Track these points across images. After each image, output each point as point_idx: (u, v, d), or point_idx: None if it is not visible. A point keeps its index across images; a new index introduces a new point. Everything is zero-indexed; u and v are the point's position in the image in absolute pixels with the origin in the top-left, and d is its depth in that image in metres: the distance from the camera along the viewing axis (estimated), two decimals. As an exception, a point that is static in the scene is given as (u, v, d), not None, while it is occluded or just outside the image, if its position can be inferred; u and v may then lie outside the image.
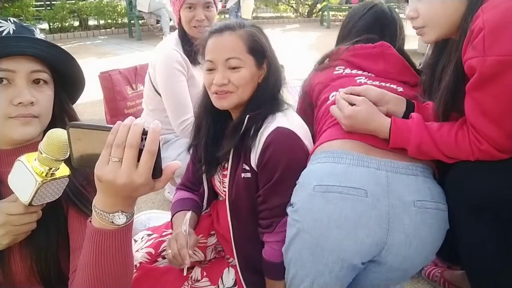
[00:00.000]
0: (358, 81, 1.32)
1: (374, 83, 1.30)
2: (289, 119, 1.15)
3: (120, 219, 0.70)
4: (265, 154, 1.10)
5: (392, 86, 1.30)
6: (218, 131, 1.25)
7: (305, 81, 1.47)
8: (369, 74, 1.37)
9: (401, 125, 1.11)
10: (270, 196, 1.13)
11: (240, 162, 1.17)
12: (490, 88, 0.96)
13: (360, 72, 1.37)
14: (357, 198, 1.04)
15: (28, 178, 0.75)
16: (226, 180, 1.21)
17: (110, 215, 0.69)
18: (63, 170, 0.79)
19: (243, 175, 1.16)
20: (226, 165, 1.22)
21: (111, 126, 0.66)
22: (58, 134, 0.74)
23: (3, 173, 0.87)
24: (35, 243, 0.87)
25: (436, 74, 1.17)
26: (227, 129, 1.20)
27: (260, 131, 1.13)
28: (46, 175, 0.75)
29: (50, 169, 0.76)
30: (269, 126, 1.12)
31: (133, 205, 0.72)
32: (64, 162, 0.77)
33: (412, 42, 4.78)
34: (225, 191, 1.23)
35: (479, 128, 1.00)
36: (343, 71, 1.39)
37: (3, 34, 0.86)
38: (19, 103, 0.85)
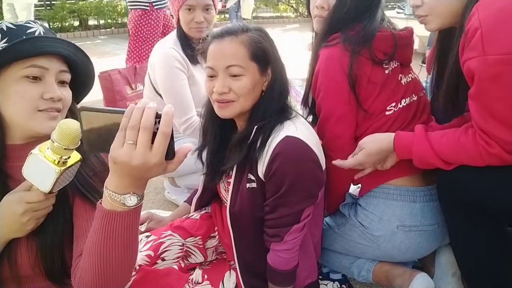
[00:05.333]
0: (402, 81, 1.35)
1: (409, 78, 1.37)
2: (298, 128, 1.10)
3: (131, 200, 0.73)
4: (273, 165, 1.06)
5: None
6: (224, 139, 1.22)
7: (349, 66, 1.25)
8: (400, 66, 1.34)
9: (405, 138, 1.16)
10: (278, 207, 1.10)
11: (245, 172, 1.14)
12: (494, 90, 0.95)
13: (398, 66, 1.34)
14: (432, 231, 1.28)
15: (45, 169, 0.78)
16: (230, 188, 1.19)
17: (122, 196, 0.72)
18: (75, 156, 0.83)
19: (248, 185, 1.13)
20: (230, 173, 1.19)
21: (123, 109, 0.68)
22: (70, 124, 0.77)
23: (13, 167, 0.91)
24: (42, 233, 0.90)
25: (445, 69, 1.15)
26: (233, 139, 1.16)
27: (268, 141, 1.08)
28: (59, 164, 0.79)
29: (62, 157, 0.79)
30: (278, 136, 1.07)
31: (144, 187, 0.75)
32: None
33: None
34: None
35: (490, 131, 0.98)
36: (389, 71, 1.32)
37: (35, 34, 0.92)
38: (50, 98, 0.90)
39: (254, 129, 1.10)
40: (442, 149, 1.08)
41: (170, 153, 0.70)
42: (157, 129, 0.67)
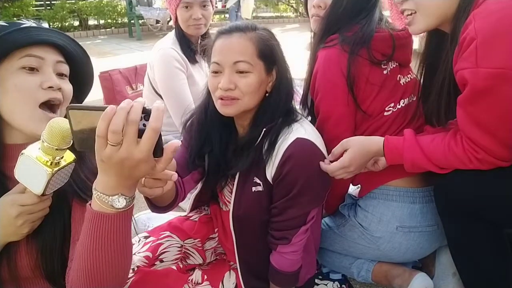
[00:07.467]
0: (401, 82, 1.33)
1: (408, 79, 1.35)
2: (306, 129, 1.09)
3: (120, 202, 0.70)
4: (284, 168, 1.04)
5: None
6: (225, 141, 1.18)
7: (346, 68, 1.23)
8: (399, 66, 1.33)
9: (395, 143, 1.13)
10: (287, 209, 1.09)
11: (250, 175, 1.12)
12: (483, 102, 0.94)
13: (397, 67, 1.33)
14: (432, 232, 1.28)
15: (37, 170, 0.75)
16: (233, 191, 1.16)
17: (110, 197, 0.69)
18: (69, 157, 0.80)
19: (253, 188, 1.11)
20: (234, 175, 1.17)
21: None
22: (59, 123, 0.73)
23: (12, 168, 0.87)
24: (41, 236, 0.88)
25: (435, 77, 1.12)
26: (239, 142, 1.14)
27: (278, 143, 1.07)
28: (51, 165, 0.76)
29: (54, 157, 0.76)
30: (288, 138, 1.06)
31: (133, 188, 0.72)
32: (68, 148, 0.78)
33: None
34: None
35: (474, 139, 0.99)
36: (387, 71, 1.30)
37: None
38: (49, 87, 0.88)
39: (263, 132, 1.08)
40: (432, 154, 1.07)
41: (158, 151, 0.67)
42: (143, 125, 0.64)
